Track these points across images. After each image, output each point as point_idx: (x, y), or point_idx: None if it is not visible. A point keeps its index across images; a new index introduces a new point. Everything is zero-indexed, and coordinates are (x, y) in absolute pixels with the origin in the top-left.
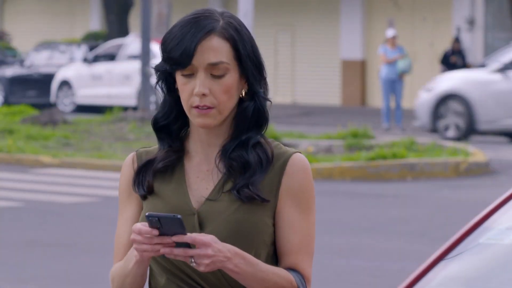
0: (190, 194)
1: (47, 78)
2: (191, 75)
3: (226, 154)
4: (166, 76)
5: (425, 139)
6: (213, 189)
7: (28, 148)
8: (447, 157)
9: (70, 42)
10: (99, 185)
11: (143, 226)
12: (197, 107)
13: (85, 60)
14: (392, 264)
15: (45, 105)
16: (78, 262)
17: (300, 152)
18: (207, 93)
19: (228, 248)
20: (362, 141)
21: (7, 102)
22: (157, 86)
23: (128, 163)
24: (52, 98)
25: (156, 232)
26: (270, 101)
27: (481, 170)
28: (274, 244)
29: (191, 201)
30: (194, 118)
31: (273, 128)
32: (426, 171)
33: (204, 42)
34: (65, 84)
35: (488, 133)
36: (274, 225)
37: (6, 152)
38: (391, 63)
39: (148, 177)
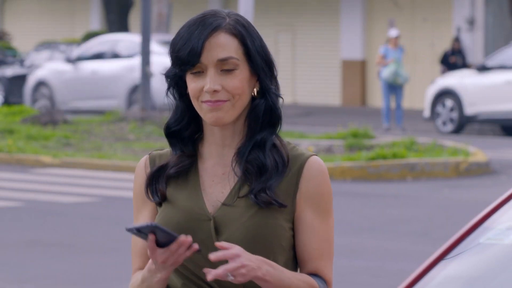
0: (205, 199)
1: None
2: (201, 73)
3: (242, 156)
4: (177, 80)
5: (426, 139)
6: (229, 193)
7: (29, 148)
8: (448, 157)
9: (70, 42)
10: (99, 185)
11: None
12: (208, 101)
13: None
14: (393, 264)
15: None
16: (79, 262)
17: (316, 155)
18: (219, 89)
19: (255, 257)
20: (363, 141)
21: (7, 102)
22: (169, 93)
23: (141, 167)
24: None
25: (153, 244)
26: (281, 97)
27: (482, 170)
28: (293, 248)
29: (206, 206)
30: (206, 114)
31: None
32: (426, 171)
33: (212, 39)
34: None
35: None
36: (292, 229)
37: (6, 152)
38: (391, 62)
39: (161, 184)
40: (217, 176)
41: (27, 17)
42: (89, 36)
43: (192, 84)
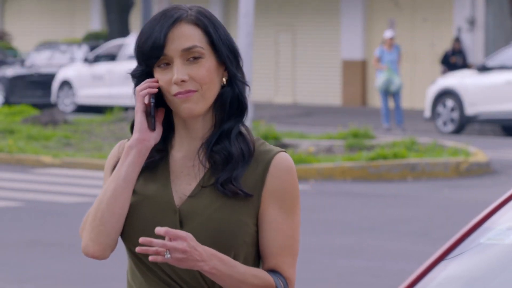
0: (174, 191)
1: (48, 78)
2: (168, 66)
3: (208, 146)
4: (145, 78)
5: (426, 139)
6: (196, 185)
7: (29, 148)
8: (448, 157)
9: (71, 42)
10: (100, 185)
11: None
12: (178, 94)
13: (86, 60)
14: (393, 264)
15: (46, 105)
16: (79, 262)
17: (285, 151)
18: (186, 79)
19: (204, 249)
20: (363, 141)
21: (8, 102)
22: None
23: (115, 151)
24: (53, 98)
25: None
26: (248, 85)
27: (482, 170)
28: (256, 244)
29: (173, 198)
30: (178, 106)
31: (274, 128)
32: (427, 171)
33: (174, 30)
34: (66, 84)
35: None
36: (256, 225)
37: (7, 152)
38: (387, 62)
39: None
40: (186, 168)
41: (28, 17)
42: (90, 36)
43: (160, 77)
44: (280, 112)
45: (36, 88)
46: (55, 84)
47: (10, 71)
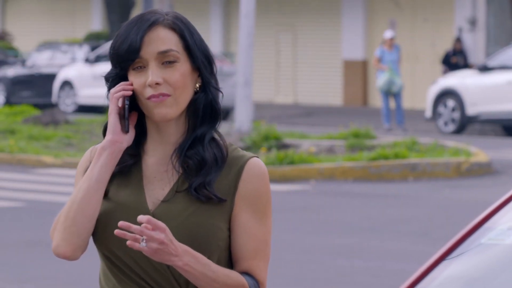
0: (147, 196)
1: (49, 78)
2: (142, 69)
3: (181, 152)
4: (118, 81)
5: (427, 139)
6: (169, 190)
7: (30, 149)
8: (449, 157)
9: (72, 42)
10: None
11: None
12: (152, 97)
13: (87, 60)
14: (394, 264)
15: (47, 105)
16: (79, 263)
17: (257, 157)
18: (161, 82)
19: (179, 245)
20: (364, 141)
21: (8, 102)
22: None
23: (87, 157)
24: (54, 98)
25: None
26: (221, 92)
27: (483, 170)
28: (229, 249)
29: (147, 203)
30: (151, 110)
31: (275, 128)
32: (427, 171)
33: (150, 33)
34: (67, 84)
35: None
36: (229, 229)
37: (8, 153)
38: (388, 62)
39: None
40: (159, 173)
41: (29, 17)
42: (91, 36)
43: (135, 80)
44: (281, 112)
45: (37, 88)
46: (56, 84)
47: (11, 71)
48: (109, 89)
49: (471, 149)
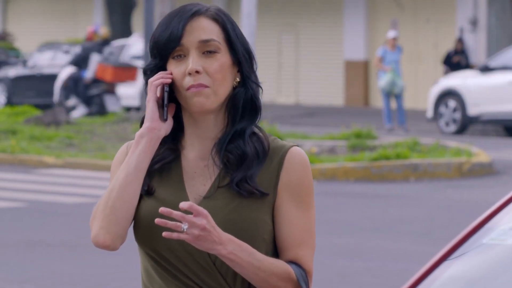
0: (188, 192)
1: (50, 79)
2: (182, 57)
3: (221, 146)
4: (157, 73)
5: (429, 140)
6: (211, 185)
7: (32, 149)
8: (451, 158)
9: (73, 43)
10: (102, 185)
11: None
12: (190, 88)
13: None
14: (395, 264)
15: (48, 106)
16: (81, 263)
17: (298, 146)
18: (201, 70)
19: (223, 233)
20: (366, 142)
21: (10, 103)
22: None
23: (122, 152)
24: (55, 98)
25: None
26: (261, 87)
27: (484, 171)
28: (274, 241)
29: (189, 199)
30: (190, 100)
31: (277, 128)
32: (429, 171)
33: (193, 22)
34: None
35: None
36: (273, 221)
37: (9, 153)
38: (390, 62)
39: (146, 178)
40: (199, 168)
41: (30, 18)
42: None
43: (174, 69)
44: (283, 112)
45: (39, 89)
46: (58, 85)
47: (13, 72)
48: (146, 81)
49: (472, 149)
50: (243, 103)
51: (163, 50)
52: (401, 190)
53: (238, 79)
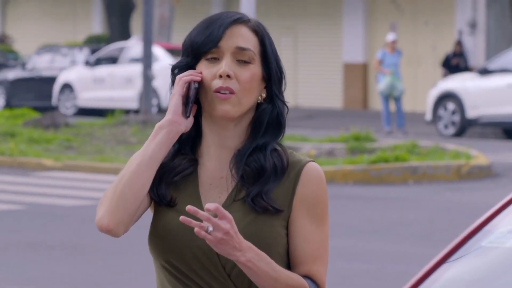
0: (203, 203)
1: (49, 81)
2: (216, 60)
3: (241, 158)
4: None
5: (427, 142)
6: (226, 198)
7: (30, 151)
8: (449, 160)
9: (72, 45)
10: (101, 188)
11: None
12: (219, 90)
13: (87, 63)
14: (394, 267)
15: (47, 108)
16: (81, 265)
17: (313, 161)
18: (232, 75)
19: (243, 240)
20: (364, 144)
21: (9, 105)
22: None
23: None
24: (54, 101)
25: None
26: (287, 107)
27: (483, 173)
28: (287, 255)
29: (204, 210)
30: (215, 105)
31: None
32: (428, 174)
33: (233, 28)
34: (67, 87)
35: None
36: (287, 234)
37: (8, 155)
38: (389, 65)
39: (165, 189)
40: (216, 179)
41: (29, 21)
42: (91, 39)
43: (205, 70)
44: None
45: (37, 91)
46: (56, 87)
47: (11, 74)
48: (173, 78)
49: (471, 152)
50: (269, 119)
51: (198, 49)
52: (400, 192)
53: (264, 95)
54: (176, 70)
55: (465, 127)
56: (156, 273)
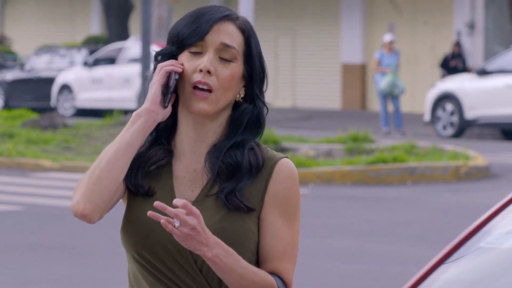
0: (177, 196)
1: (48, 82)
2: (198, 54)
3: (218, 154)
4: (168, 60)
5: (426, 143)
6: (199, 192)
7: (29, 152)
8: (447, 161)
9: (70, 46)
10: None
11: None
12: (197, 84)
13: (85, 63)
14: (393, 267)
15: (45, 109)
16: (79, 266)
17: (287, 157)
18: (212, 71)
19: (211, 236)
20: (363, 145)
21: (7, 106)
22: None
23: None
24: (52, 102)
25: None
26: (267, 108)
27: (481, 174)
28: (257, 251)
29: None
30: (191, 102)
31: (274, 132)
32: (426, 175)
33: (221, 24)
34: (65, 88)
35: None
36: (258, 230)
37: (6, 156)
38: (387, 65)
39: (141, 179)
40: (189, 172)
41: (27, 21)
42: (89, 40)
43: (187, 62)
44: (280, 116)
45: (36, 92)
46: (55, 88)
47: (10, 75)
48: (155, 66)
49: (469, 153)
50: (248, 118)
51: (184, 41)
52: (398, 193)
53: (242, 94)
54: (160, 57)
55: (464, 128)
56: (128, 263)
